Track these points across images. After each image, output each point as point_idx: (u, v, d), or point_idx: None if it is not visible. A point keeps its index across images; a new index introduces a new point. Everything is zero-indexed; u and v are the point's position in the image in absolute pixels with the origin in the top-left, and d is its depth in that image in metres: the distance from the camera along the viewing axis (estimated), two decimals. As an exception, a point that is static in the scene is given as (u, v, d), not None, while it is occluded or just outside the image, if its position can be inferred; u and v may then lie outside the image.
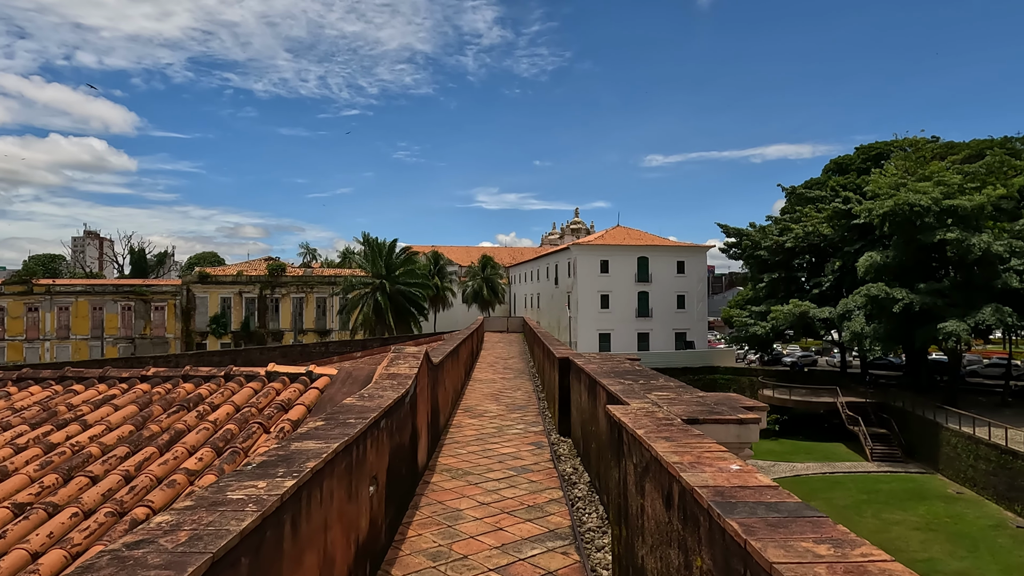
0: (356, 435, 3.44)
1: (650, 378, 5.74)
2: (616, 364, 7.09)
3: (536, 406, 11.05)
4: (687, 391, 4.91)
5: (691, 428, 3.45)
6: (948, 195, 40.02)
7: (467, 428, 8.88)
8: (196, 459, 4.48)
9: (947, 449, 37.55)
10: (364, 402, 4.39)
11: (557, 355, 8.57)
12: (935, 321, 39.78)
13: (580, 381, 7.28)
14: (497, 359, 21.13)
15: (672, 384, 5.35)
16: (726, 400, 4.41)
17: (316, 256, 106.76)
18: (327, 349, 40.23)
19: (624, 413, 3.89)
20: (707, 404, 4.20)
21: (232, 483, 2.43)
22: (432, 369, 7.20)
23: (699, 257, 72.12)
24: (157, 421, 5.23)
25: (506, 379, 15.30)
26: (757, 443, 4.06)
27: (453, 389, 10.60)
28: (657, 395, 4.72)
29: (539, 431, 8.76)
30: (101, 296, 71.58)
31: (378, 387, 5.06)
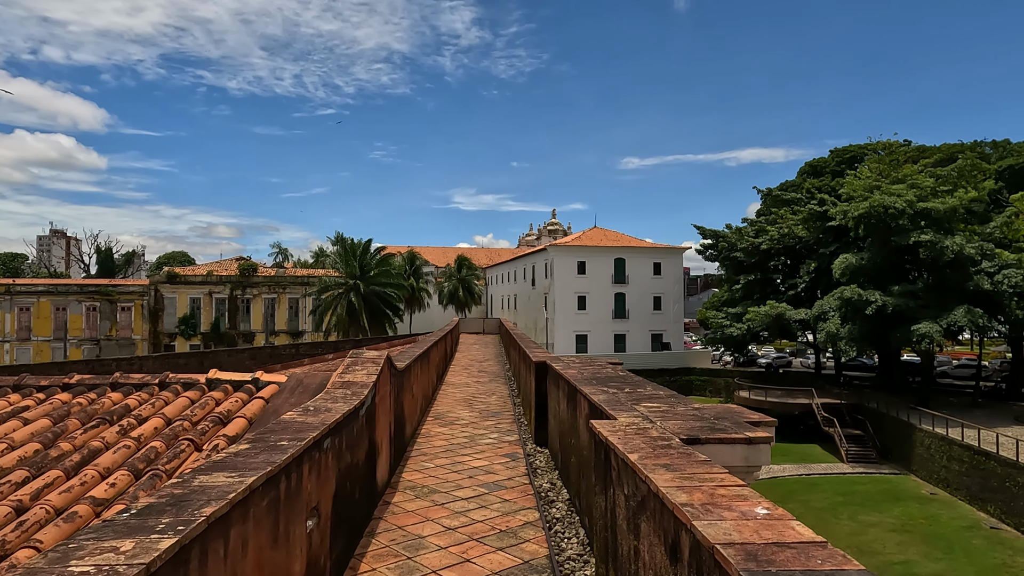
0: (285, 463, 2.78)
1: (636, 385, 5.16)
2: (597, 369, 6.51)
3: (511, 412, 10.44)
4: (680, 402, 4.33)
5: (693, 451, 2.86)
6: (922, 198, 40.33)
7: (436, 438, 8.23)
8: (108, 485, 3.80)
9: (921, 450, 37.74)
10: (307, 417, 3.73)
11: (533, 359, 7.97)
12: (909, 323, 40.02)
13: (559, 387, 6.68)
14: (472, 361, 20.48)
15: (662, 393, 4.77)
16: (727, 414, 3.84)
17: (288, 256, 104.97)
18: (297, 351, 39.08)
19: (612, 431, 3.29)
20: (707, 419, 3.63)
21: (87, 543, 1.78)
22: (396, 375, 6.55)
23: (675, 258, 72.17)
24: (71, 438, 4.52)
25: (480, 383, 14.66)
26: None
27: (423, 395, 9.94)
28: (647, 407, 4.13)
29: (514, 440, 8.14)
30: (64, 296, 69.33)
31: (328, 398, 4.40)
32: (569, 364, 7.13)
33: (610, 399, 4.44)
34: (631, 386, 5.14)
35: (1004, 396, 47.98)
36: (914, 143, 57.94)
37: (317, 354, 39.37)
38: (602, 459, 3.40)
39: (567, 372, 6.26)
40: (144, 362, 37.51)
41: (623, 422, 3.55)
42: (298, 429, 3.38)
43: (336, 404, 4.21)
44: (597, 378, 5.74)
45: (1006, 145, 52.26)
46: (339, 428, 3.88)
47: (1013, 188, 46.31)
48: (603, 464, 3.38)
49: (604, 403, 4.29)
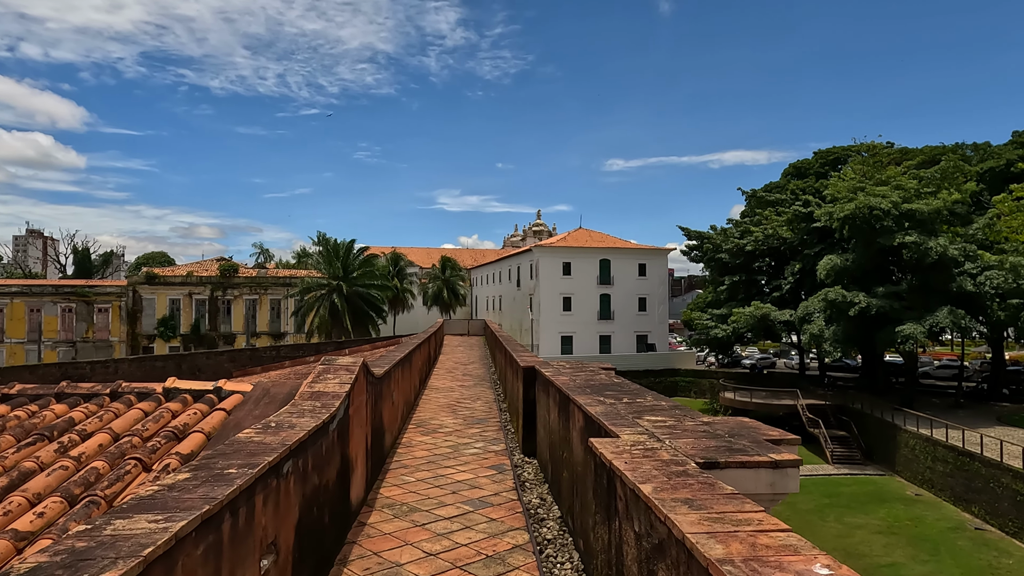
0: (230, 497, 2.32)
1: (635, 395, 4.73)
2: (590, 375, 6.08)
3: (497, 419, 9.99)
4: (687, 415, 3.91)
5: (715, 480, 2.43)
6: (906, 199, 40.46)
7: (418, 448, 7.76)
8: (35, 515, 3.30)
9: (905, 451, 37.80)
10: (266, 436, 3.26)
11: (521, 363, 7.52)
12: (893, 324, 40.13)
13: (548, 395, 6.24)
14: (456, 364, 20.00)
15: (664, 404, 4.34)
16: (741, 429, 3.43)
17: (270, 257, 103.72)
18: (279, 353, 38.30)
19: (616, 452, 2.86)
20: (721, 437, 3.21)
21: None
22: (374, 382, 6.07)
23: (660, 260, 72.15)
24: (1, 458, 4.01)
25: (465, 387, 14.19)
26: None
27: (404, 401, 9.47)
28: (651, 421, 3.71)
29: (500, 450, 7.69)
30: (39, 297, 67.84)
31: (294, 412, 3.93)
32: (560, 370, 6.69)
33: (609, 412, 4.01)
34: (629, 395, 4.71)
35: (986, 396, 48.37)
36: (897, 145, 58.34)
37: (298, 356, 38.60)
38: (604, 485, 2.97)
39: (558, 379, 5.82)
40: (120, 365, 36.53)
41: (627, 441, 3.11)
42: (253, 452, 2.91)
43: (302, 419, 3.74)
44: (591, 386, 5.31)
45: (987, 148, 52.67)
46: (304, 448, 3.41)
47: (994, 190, 46.66)
48: (606, 491, 2.94)
49: (602, 416, 3.85)
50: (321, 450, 3.86)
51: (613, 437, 3.29)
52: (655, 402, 4.41)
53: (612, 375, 6.38)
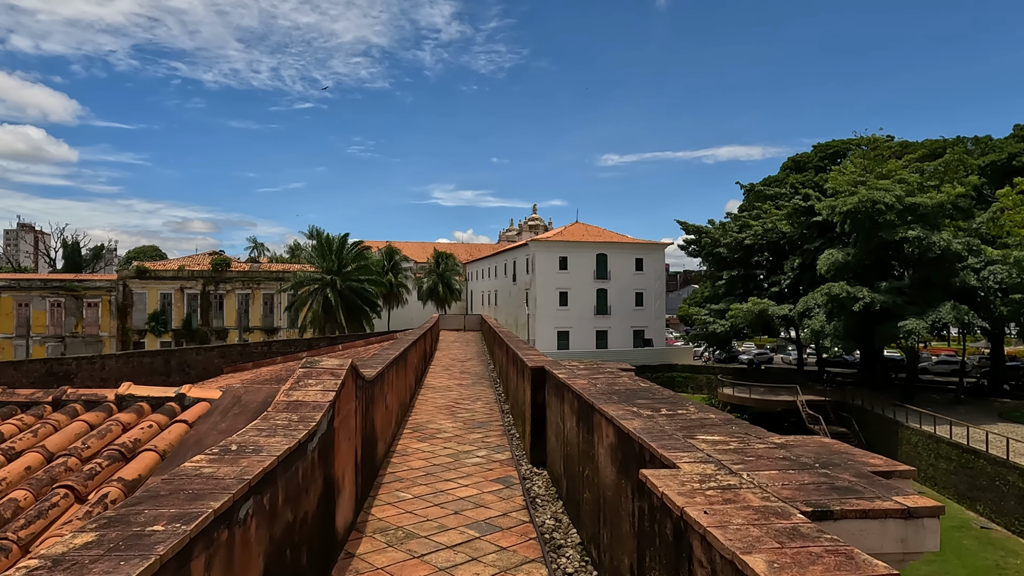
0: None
1: (674, 404, 4.00)
2: (611, 378, 5.34)
3: (500, 421, 9.26)
4: (750, 432, 3.18)
5: (845, 544, 1.70)
6: (909, 193, 39.86)
7: (414, 457, 7.02)
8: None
9: (907, 448, 37.30)
10: (220, 466, 2.52)
11: (529, 364, 6.78)
12: (895, 319, 39.59)
13: (563, 400, 5.50)
14: (453, 361, 19.25)
15: (714, 416, 3.61)
16: (828, 453, 2.70)
17: (264, 251, 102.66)
18: (270, 349, 37.54)
19: (685, 493, 2.12)
20: (812, 467, 2.47)
21: None
22: (365, 386, 5.33)
23: (657, 254, 71.52)
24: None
25: (463, 385, 13.45)
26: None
27: (399, 404, 8.72)
28: (707, 440, 2.98)
29: (506, 460, 6.96)
30: (27, 292, 66.69)
31: (264, 429, 3.18)
32: (574, 371, 5.95)
33: (650, 428, 3.27)
34: (667, 405, 3.98)
35: (986, 392, 47.94)
36: (897, 139, 57.80)
37: (290, 352, 37.77)
38: (668, 536, 2.23)
39: (575, 383, 5.08)
40: (107, 361, 35.63)
41: (692, 474, 2.38)
42: (196, 493, 2.16)
43: (272, 439, 2.99)
44: (616, 392, 4.57)
45: (988, 141, 52.14)
46: (272, 479, 2.66)
47: (995, 184, 46.17)
48: (671, 545, 2.20)
49: (644, 434, 3.11)
50: (297, 476, 3.11)
51: (670, 467, 2.55)
52: (702, 414, 3.68)
53: (633, 376, 5.65)
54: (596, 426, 4.13)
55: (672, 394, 4.46)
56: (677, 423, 3.42)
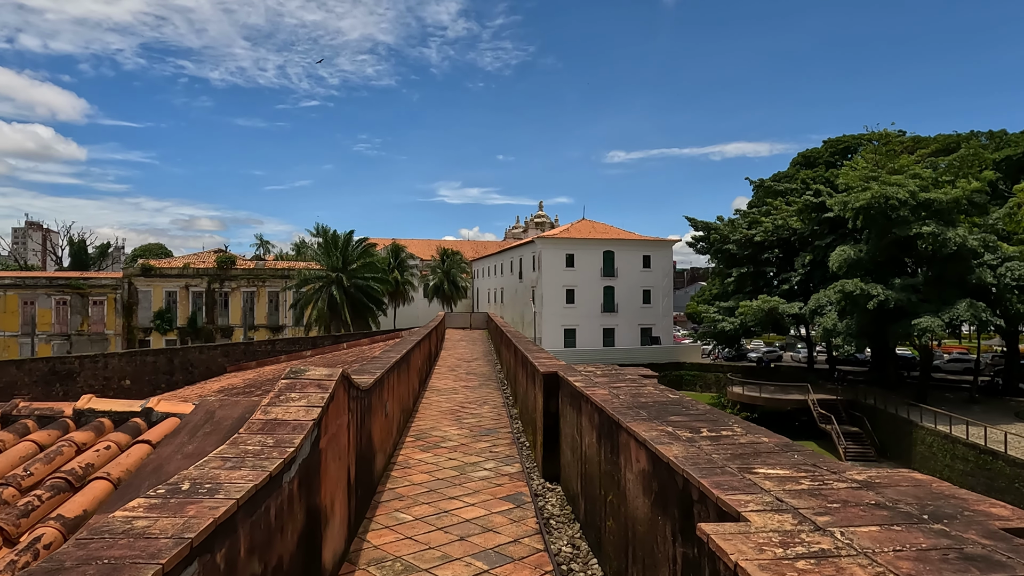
0: None
1: (715, 422, 3.45)
2: (634, 387, 4.79)
3: (508, 428, 8.72)
4: (819, 463, 2.62)
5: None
6: (923, 188, 39.07)
7: (416, 469, 6.48)
8: None
9: (921, 448, 36.59)
10: (161, 515, 1.98)
11: (541, 369, 6.23)
12: (909, 317, 38.83)
13: (581, 412, 4.95)
14: (459, 361, 18.72)
15: (767, 441, 3.06)
16: (928, 495, 2.14)
17: (269, 248, 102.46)
18: (274, 347, 37.24)
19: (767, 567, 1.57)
20: (918, 518, 1.91)
21: None
22: (360, 396, 4.79)
23: (665, 251, 70.78)
24: None
25: (470, 387, 12.92)
26: None
27: (401, 409, 8.19)
28: (768, 474, 2.43)
29: (515, 473, 6.42)
30: (33, 290, 66.61)
31: (228, 459, 2.65)
32: (592, 378, 5.40)
33: (694, 456, 2.71)
34: (707, 423, 3.42)
35: (1000, 391, 47.11)
36: (909, 133, 56.86)
37: (295, 351, 37.38)
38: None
39: (595, 393, 4.53)
40: (109, 359, 35.40)
41: (765, 530, 1.83)
42: (114, 565, 1.63)
43: (237, 472, 2.46)
44: (644, 405, 4.02)
45: (1003, 136, 51.16)
46: (230, 528, 2.12)
47: (1011, 179, 45.26)
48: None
49: (689, 465, 2.57)
50: (268, 516, 2.57)
51: (733, 517, 2.00)
52: (751, 436, 3.12)
53: (658, 384, 5.10)
54: (623, 447, 3.58)
55: (708, 408, 3.90)
56: (725, 449, 2.86)
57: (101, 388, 34.25)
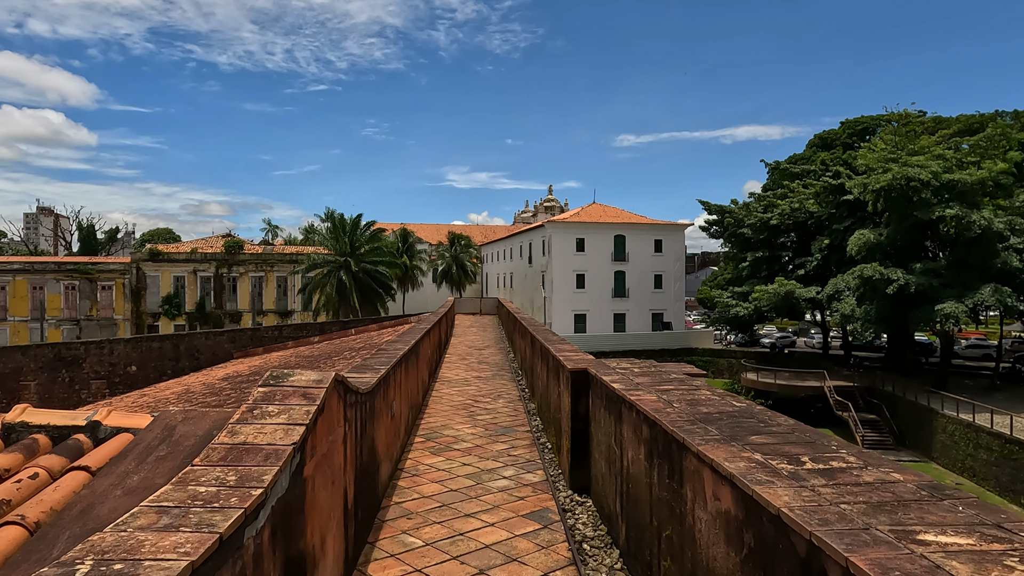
0: None
1: (816, 447, 2.67)
2: (688, 391, 4.01)
3: (526, 425, 7.98)
4: (1005, 522, 1.83)
5: None
6: (947, 169, 37.83)
7: (426, 477, 5.75)
8: None
9: (942, 436, 35.69)
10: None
11: (568, 366, 5.45)
12: (931, 303, 37.79)
13: (620, 419, 4.18)
14: (470, 349, 18.00)
15: (900, 478, 2.28)
16: None
17: (278, 233, 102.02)
18: (281, 333, 36.68)
19: None
20: None
21: None
22: (361, 401, 4.04)
23: (677, 235, 69.71)
24: None
25: (482, 378, 12.19)
26: None
27: (410, 405, 7.46)
28: (937, 540, 1.65)
29: (539, 481, 5.68)
30: (41, 275, 66.45)
31: (168, 509, 1.90)
32: (631, 377, 4.62)
33: (816, 508, 1.94)
34: (804, 447, 2.64)
35: (1022, 378, 46.03)
36: (929, 114, 55.28)
37: (302, 336, 36.79)
38: None
39: (641, 399, 3.76)
40: (115, 346, 34.98)
41: None
42: None
43: (172, 539, 1.72)
44: (707, 417, 3.25)
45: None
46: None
47: (1037, 160, 43.83)
48: None
49: (815, 523, 1.79)
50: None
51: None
52: (877, 472, 2.34)
53: (710, 387, 4.32)
54: (689, 475, 2.81)
55: (794, 424, 3.12)
56: (852, 495, 2.09)
57: (107, 374, 33.90)
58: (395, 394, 5.92)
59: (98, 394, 33.26)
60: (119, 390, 32.58)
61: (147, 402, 17.81)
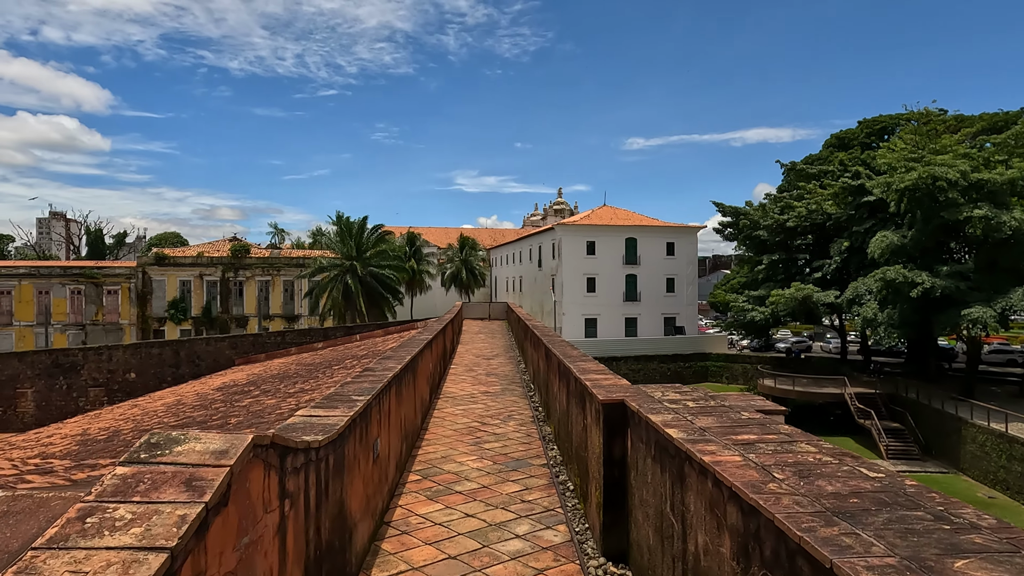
0: None
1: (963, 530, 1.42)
2: (780, 445, 2.81)
3: (541, 455, 6.78)
4: None
5: None
6: (975, 168, 36.32)
7: (418, 536, 4.55)
8: None
9: (972, 447, 34.12)
10: None
11: (600, 397, 4.24)
12: (957, 307, 36.25)
13: (684, 485, 2.97)
14: (478, 358, 16.80)
15: None
16: None
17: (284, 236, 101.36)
18: (283, 339, 35.55)
19: None
20: None
21: None
22: (313, 461, 2.85)
23: (689, 238, 68.26)
24: None
25: (490, 394, 10.99)
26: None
27: (403, 434, 6.27)
28: None
29: (562, 543, 4.47)
30: (47, 279, 65.86)
31: None
32: (687, 417, 3.41)
33: None
34: None
35: (1051, 386, 44.31)
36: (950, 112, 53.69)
37: (305, 342, 35.72)
38: None
39: (719, 460, 2.57)
40: (114, 352, 34.02)
41: None
42: None
43: None
44: (839, 503, 2.04)
45: (1055, 113, 47.87)
46: None
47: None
48: None
49: None
50: None
51: None
52: None
53: (800, 433, 3.11)
54: None
55: (996, 521, 1.91)
56: None
57: (106, 381, 32.96)
58: (381, 428, 4.74)
59: (96, 402, 32.36)
60: (118, 397, 31.63)
61: (135, 415, 16.76)
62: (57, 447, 12.89)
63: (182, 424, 12.30)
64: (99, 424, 15.75)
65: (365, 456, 4.09)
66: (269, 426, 7.88)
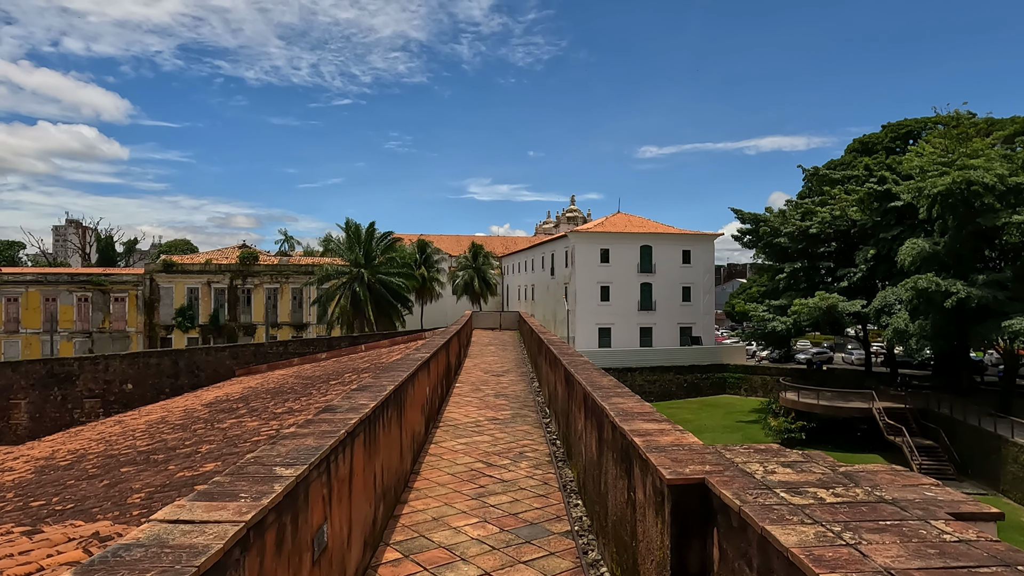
0: None
1: None
2: None
3: (564, 517, 5.23)
4: None
5: None
6: (1013, 172, 34.44)
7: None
8: None
9: (1014, 467, 32.09)
10: None
11: (666, 475, 2.63)
12: (995, 317, 34.30)
13: None
14: (487, 375, 15.26)
15: None
16: None
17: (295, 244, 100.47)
18: (286, 349, 34.20)
19: None
20: None
21: None
22: None
23: (706, 246, 66.41)
24: None
25: (499, 421, 9.46)
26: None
27: (383, 490, 4.74)
28: None
29: None
30: (54, 286, 65.15)
31: None
32: (831, 531, 1.84)
33: None
34: None
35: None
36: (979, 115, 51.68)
37: (308, 353, 34.31)
38: None
39: None
40: (111, 362, 32.77)
41: None
42: None
43: None
44: None
45: (1091, 115, 45.81)
46: None
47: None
48: None
49: None
50: None
51: None
52: None
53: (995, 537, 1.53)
54: None
55: None
56: None
57: (102, 392, 31.74)
58: (332, 506, 3.22)
59: (92, 413, 31.15)
60: (114, 409, 30.41)
61: (112, 435, 15.38)
62: (16, 473, 11.53)
63: (152, 449, 10.91)
64: (72, 444, 14.41)
65: (302, 556, 2.58)
66: (239, 458, 6.52)
